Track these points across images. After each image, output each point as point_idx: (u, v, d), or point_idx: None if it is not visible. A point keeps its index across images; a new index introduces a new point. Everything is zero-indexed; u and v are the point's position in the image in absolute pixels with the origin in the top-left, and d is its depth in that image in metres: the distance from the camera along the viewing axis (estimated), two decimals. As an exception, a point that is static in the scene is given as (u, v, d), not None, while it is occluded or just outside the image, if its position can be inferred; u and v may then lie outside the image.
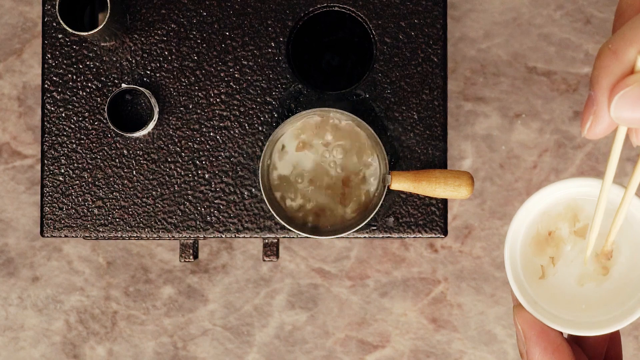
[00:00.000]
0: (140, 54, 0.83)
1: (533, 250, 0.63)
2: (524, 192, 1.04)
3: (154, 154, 0.83)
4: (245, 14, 0.83)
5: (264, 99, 0.83)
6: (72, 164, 0.83)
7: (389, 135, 0.83)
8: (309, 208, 0.82)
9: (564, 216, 0.63)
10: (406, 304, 1.04)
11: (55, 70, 0.83)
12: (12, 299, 1.04)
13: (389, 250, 1.04)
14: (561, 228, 0.62)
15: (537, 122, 1.04)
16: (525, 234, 0.62)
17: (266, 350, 1.04)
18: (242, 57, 0.83)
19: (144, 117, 0.83)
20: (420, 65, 0.83)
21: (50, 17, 0.83)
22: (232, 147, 0.83)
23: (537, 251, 0.63)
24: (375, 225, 0.83)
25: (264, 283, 1.04)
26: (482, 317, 1.03)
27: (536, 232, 0.63)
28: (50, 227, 0.83)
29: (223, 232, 0.83)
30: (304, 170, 0.81)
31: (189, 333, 1.04)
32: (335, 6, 0.83)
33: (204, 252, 1.04)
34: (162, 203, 0.83)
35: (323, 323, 1.04)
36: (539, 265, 0.63)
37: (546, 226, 0.63)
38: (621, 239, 0.62)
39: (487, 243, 1.04)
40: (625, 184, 0.57)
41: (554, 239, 0.63)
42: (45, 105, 0.83)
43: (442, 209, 0.84)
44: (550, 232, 0.63)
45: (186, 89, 0.83)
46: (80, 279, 1.04)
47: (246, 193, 0.83)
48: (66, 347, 1.04)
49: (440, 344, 1.03)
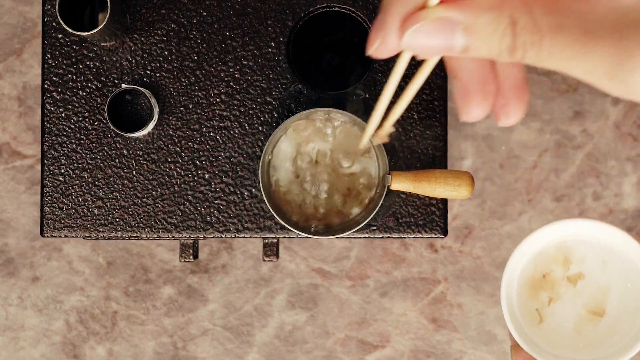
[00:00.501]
0: (140, 54, 0.83)
1: (529, 292, 0.64)
2: (523, 192, 1.04)
3: (154, 154, 0.83)
4: (245, 14, 0.83)
5: (264, 99, 0.83)
6: (72, 164, 0.83)
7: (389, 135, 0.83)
8: (309, 208, 0.82)
9: (557, 259, 0.64)
10: (406, 304, 1.04)
11: (55, 70, 0.83)
12: (12, 299, 1.04)
13: (389, 250, 1.04)
14: (555, 270, 0.64)
15: (537, 122, 1.04)
16: (520, 276, 0.64)
17: (266, 350, 1.04)
18: (242, 57, 0.83)
19: (144, 117, 0.83)
20: (420, 65, 0.83)
21: (50, 17, 0.83)
22: (232, 147, 0.83)
23: (533, 294, 0.64)
24: (375, 225, 0.83)
25: (264, 283, 1.04)
26: (482, 317, 1.03)
27: (531, 274, 0.64)
28: (50, 227, 0.83)
29: (223, 232, 0.83)
30: (303, 170, 0.81)
31: (189, 333, 1.04)
32: (335, 6, 0.83)
33: (204, 252, 1.04)
34: (162, 203, 0.83)
35: (323, 323, 1.04)
36: (535, 310, 0.64)
37: (541, 269, 0.64)
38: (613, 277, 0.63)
39: (487, 243, 1.04)
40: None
41: (548, 281, 0.64)
42: (45, 105, 0.83)
43: (442, 209, 0.84)
44: (545, 275, 0.64)
45: (186, 89, 0.83)
46: (80, 279, 1.04)
47: (246, 193, 0.83)
48: (66, 347, 1.04)
49: (440, 344, 1.03)
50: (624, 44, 0.40)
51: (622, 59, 0.40)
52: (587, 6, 0.41)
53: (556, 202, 1.04)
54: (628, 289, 0.62)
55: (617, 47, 0.40)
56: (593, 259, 0.63)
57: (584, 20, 0.40)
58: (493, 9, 0.41)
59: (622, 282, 0.63)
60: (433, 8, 0.42)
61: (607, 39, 0.40)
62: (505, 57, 0.42)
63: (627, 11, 0.40)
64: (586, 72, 0.40)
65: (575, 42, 0.40)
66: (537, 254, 0.63)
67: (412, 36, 0.42)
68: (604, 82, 0.41)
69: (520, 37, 0.41)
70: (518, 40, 0.41)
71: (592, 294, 0.64)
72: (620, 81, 0.40)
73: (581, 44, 0.40)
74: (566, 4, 0.41)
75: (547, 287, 0.64)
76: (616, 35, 0.40)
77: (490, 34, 0.41)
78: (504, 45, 0.41)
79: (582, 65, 0.41)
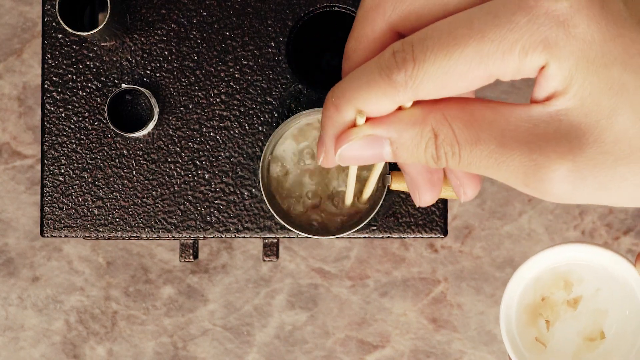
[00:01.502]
0: (140, 54, 0.83)
1: (527, 317, 0.65)
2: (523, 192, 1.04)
3: (154, 154, 0.83)
4: (245, 14, 0.84)
5: (264, 99, 0.83)
6: (72, 164, 0.83)
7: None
8: (309, 208, 0.82)
9: (557, 284, 0.65)
10: (406, 304, 1.04)
11: (55, 70, 0.83)
12: (12, 299, 1.04)
13: (389, 250, 1.04)
14: (555, 293, 0.65)
15: (537, 122, 1.04)
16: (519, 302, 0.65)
17: (266, 350, 1.04)
18: (242, 57, 0.83)
19: (144, 117, 0.83)
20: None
21: (50, 17, 0.83)
22: (232, 147, 0.83)
23: (532, 319, 0.65)
24: (375, 225, 0.83)
25: (264, 283, 1.04)
26: (482, 317, 1.03)
27: (532, 300, 0.65)
28: (50, 227, 0.83)
29: (223, 232, 0.83)
30: (304, 170, 0.82)
31: (189, 333, 1.04)
32: (335, 6, 0.83)
33: (204, 252, 1.04)
34: (162, 203, 0.83)
35: (323, 323, 1.04)
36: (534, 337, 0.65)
37: (540, 293, 0.65)
38: (611, 299, 0.64)
39: (487, 243, 1.04)
40: None
41: (547, 304, 0.65)
42: (45, 105, 0.83)
43: (442, 209, 0.84)
44: (544, 298, 0.65)
45: (186, 89, 0.83)
46: (80, 279, 1.04)
47: (246, 193, 0.83)
48: (66, 347, 1.04)
49: (440, 344, 1.03)
50: (533, 157, 0.43)
51: (531, 171, 0.44)
52: (501, 118, 0.44)
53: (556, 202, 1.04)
54: (626, 315, 0.63)
55: (528, 159, 0.44)
56: (591, 283, 0.64)
57: (499, 133, 0.44)
58: (416, 124, 0.45)
59: (620, 306, 0.64)
60: (360, 127, 0.46)
61: (518, 153, 0.44)
62: (431, 164, 0.46)
63: (537, 122, 0.44)
64: (504, 180, 0.45)
65: (490, 154, 0.44)
66: (536, 278, 0.64)
67: (345, 151, 0.47)
68: (521, 188, 0.45)
69: (441, 149, 0.45)
70: (440, 151, 0.45)
71: (591, 317, 0.64)
72: (534, 189, 0.45)
73: (496, 156, 0.44)
74: (483, 116, 0.44)
75: (546, 310, 0.64)
76: (526, 148, 0.43)
77: (415, 147, 0.45)
78: (428, 155, 0.45)
79: (499, 175, 0.45)
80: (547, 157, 0.43)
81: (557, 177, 0.43)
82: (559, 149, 0.43)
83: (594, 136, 0.43)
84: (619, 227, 1.04)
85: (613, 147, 0.43)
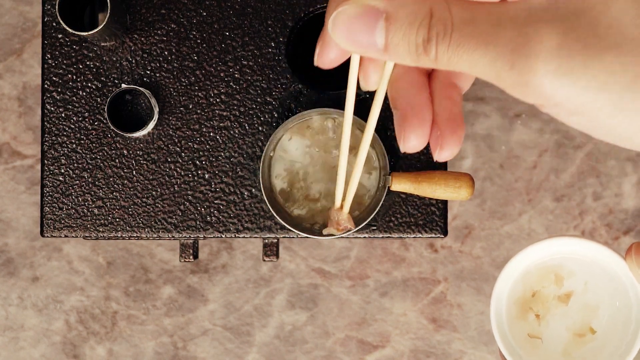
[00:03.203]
0: (140, 54, 0.83)
1: (517, 311, 0.65)
2: (523, 192, 1.04)
3: (154, 154, 0.83)
4: (245, 14, 0.84)
5: (264, 99, 0.83)
6: (72, 164, 0.83)
7: (389, 135, 0.83)
8: (309, 208, 0.82)
9: (548, 277, 0.65)
10: (406, 304, 1.04)
11: (55, 70, 0.83)
12: (12, 299, 1.04)
13: (389, 250, 1.04)
14: (546, 287, 0.65)
15: (537, 122, 1.04)
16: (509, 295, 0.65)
17: (266, 350, 1.04)
18: (242, 57, 0.83)
19: (144, 117, 0.83)
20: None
21: (50, 17, 0.83)
22: (232, 147, 0.83)
23: (522, 313, 0.65)
24: (375, 225, 0.83)
25: (264, 283, 1.04)
26: (482, 317, 1.03)
27: (521, 293, 0.65)
28: (50, 227, 0.83)
29: (223, 232, 0.83)
30: (304, 170, 0.82)
31: (189, 333, 1.04)
32: (335, 6, 0.83)
33: (204, 252, 1.04)
34: (162, 203, 0.83)
35: (323, 323, 1.04)
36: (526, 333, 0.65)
37: (530, 287, 0.65)
38: (601, 293, 0.64)
39: (487, 243, 1.04)
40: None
41: (537, 299, 0.65)
42: (45, 105, 0.83)
43: (442, 209, 0.84)
44: (535, 292, 0.65)
45: (186, 89, 0.83)
46: (80, 279, 1.04)
47: (246, 193, 0.83)
48: (66, 347, 1.04)
49: (440, 344, 1.03)
50: (524, 31, 0.42)
51: (520, 46, 0.42)
52: (501, 5, 0.44)
53: (556, 202, 1.04)
54: (616, 307, 0.63)
55: (519, 33, 0.42)
56: (582, 277, 0.64)
57: (495, 16, 0.43)
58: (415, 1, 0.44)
59: (610, 300, 0.64)
60: None
61: (510, 29, 0.43)
62: (420, 53, 0.44)
63: (536, 9, 0.43)
64: (489, 64, 0.43)
65: (482, 33, 0.43)
66: (525, 273, 0.64)
67: (339, 16, 0.45)
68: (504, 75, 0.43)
69: (433, 29, 0.44)
70: (432, 31, 0.44)
71: (582, 312, 0.64)
72: (519, 70, 0.42)
73: (487, 34, 0.43)
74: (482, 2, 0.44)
75: (536, 304, 0.64)
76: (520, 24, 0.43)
77: (409, 25, 0.44)
78: (419, 39, 0.44)
79: (485, 57, 0.43)
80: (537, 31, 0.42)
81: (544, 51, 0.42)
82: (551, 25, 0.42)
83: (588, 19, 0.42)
84: (619, 227, 1.04)
85: (605, 32, 0.42)
